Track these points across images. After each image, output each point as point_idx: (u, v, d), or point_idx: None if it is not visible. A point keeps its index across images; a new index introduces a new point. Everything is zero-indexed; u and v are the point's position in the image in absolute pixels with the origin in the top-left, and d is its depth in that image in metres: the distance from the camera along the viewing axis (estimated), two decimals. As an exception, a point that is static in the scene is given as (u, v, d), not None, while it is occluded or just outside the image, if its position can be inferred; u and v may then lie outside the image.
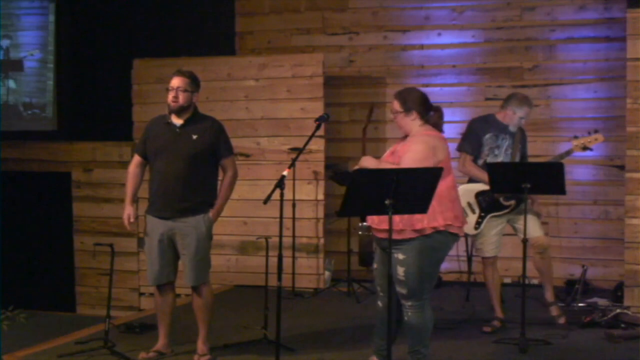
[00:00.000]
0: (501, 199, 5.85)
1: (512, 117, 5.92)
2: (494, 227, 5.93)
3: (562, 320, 6.02)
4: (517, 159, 5.94)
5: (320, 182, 7.73)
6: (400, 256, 4.44)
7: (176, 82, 5.10)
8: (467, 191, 5.93)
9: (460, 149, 6.03)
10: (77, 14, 9.13)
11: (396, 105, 4.61)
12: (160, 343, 5.30)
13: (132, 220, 5.17)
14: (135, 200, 5.28)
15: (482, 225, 5.92)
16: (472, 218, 5.93)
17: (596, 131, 5.94)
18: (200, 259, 5.12)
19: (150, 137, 5.19)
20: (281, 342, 4.91)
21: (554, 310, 6.11)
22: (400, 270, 4.46)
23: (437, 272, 4.68)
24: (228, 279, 7.87)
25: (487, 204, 5.90)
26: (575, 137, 5.98)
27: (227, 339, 5.63)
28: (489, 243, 5.95)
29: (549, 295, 6.10)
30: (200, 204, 5.10)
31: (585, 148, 5.92)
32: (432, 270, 4.57)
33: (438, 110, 4.73)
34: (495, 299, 6.03)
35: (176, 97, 5.07)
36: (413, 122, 4.59)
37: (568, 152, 5.99)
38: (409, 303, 4.55)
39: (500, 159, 5.88)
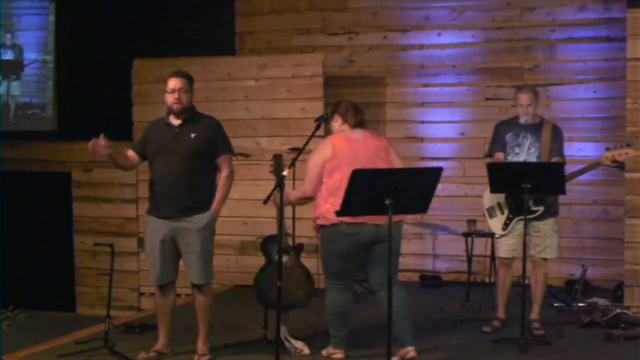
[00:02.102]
0: (530, 203, 5.65)
1: (518, 109, 5.89)
2: (516, 229, 5.82)
3: (539, 332, 5.80)
4: (546, 158, 5.76)
5: (320, 182, 7.72)
6: None
7: (177, 83, 5.08)
8: None
9: (490, 152, 5.97)
10: (77, 14, 9.12)
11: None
12: (160, 343, 5.29)
13: (99, 142, 4.87)
14: (115, 153, 5.05)
15: (510, 227, 5.85)
16: (500, 218, 5.88)
17: (628, 145, 5.80)
18: (206, 256, 5.14)
19: (150, 139, 5.18)
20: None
21: (534, 326, 5.85)
22: None
23: (339, 264, 5.01)
24: (228, 279, 7.87)
25: (516, 206, 5.80)
26: (607, 149, 5.80)
27: (227, 339, 5.62)
28: (506, 244, 5.88)
29: (534, 314, 5.89)
30: (201, 202, 5.10)
31: (614, 161, 5.68)
32: (329, 260, 5.03)
33: (360, 112, 5.22)
34: (501, 299, 5.99)
35: (179, 98, 5.06)
36: (335, 124, 5.19)
37: (597, 164, 5.79)
38: None
39: (522, 158, 5.80)
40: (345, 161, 4.92)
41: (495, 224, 5.91)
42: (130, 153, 5.27)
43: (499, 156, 5.90)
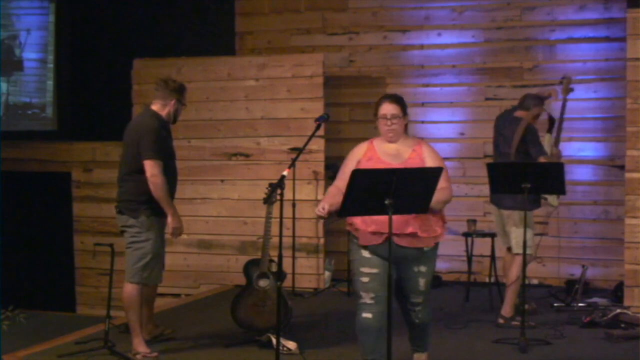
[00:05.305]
0: None
1: (537, 117, 6.09)
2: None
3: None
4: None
5: (320, 182, 7.73)
6: (423, 268, 4.48)
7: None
8: None
9: (540, 152, 5.89)
10: (77, 14, 9.12)
11: (397, 109, 4.59)
12: (145, 341, 5.31)
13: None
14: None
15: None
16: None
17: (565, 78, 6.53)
18: None
19: (162, 142, 5.29)
20: (281, 342, 4.91)
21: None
22: (422, 282, 4.50)
23: None
24: (228, 279, 7.87)
25: None
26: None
27: (228, 339, 5.63)
28: (533, 240, 5.95)
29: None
30: None
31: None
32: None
33: None
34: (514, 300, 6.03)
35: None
36: (404, 127, 4.69)
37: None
38: (422, 306, 4.60)
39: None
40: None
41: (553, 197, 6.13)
42: (161, 164, 5.27)
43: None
